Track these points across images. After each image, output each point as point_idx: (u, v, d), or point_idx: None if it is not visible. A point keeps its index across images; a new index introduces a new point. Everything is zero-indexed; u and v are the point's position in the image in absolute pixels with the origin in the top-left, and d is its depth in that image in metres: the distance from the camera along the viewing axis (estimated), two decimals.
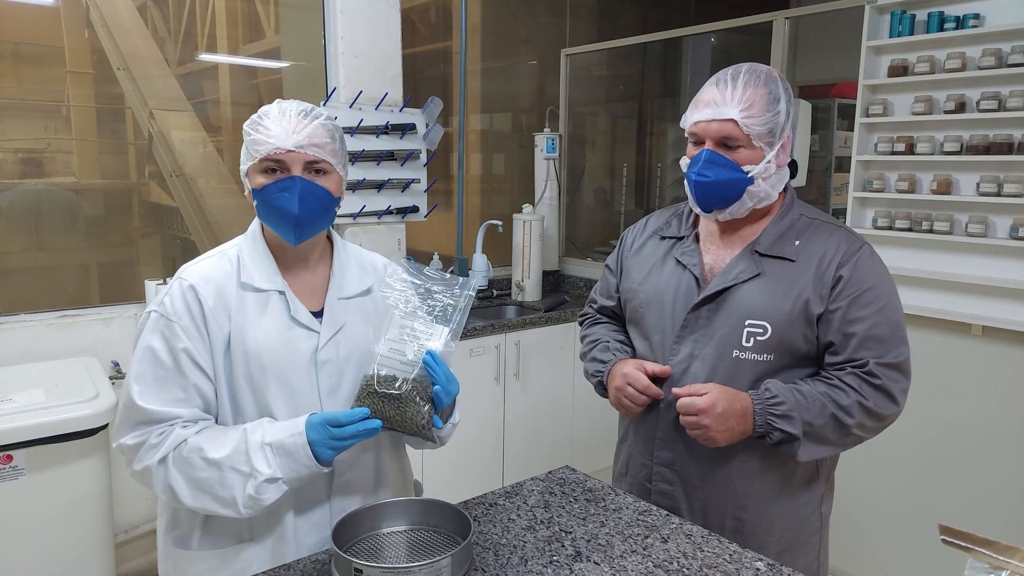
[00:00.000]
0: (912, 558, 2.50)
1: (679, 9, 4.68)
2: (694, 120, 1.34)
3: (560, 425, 3.29)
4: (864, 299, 1.29)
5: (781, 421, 1.27)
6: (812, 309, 1.30)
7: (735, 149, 1.31)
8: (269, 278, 1.25)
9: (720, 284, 1.35)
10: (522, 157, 4.05)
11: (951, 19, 2.37)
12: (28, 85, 3.10)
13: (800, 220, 1.38)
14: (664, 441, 1.43)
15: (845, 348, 1.30)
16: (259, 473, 1.13)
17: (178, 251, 3.68)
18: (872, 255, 1.34)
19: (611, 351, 1.52)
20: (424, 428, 1.17)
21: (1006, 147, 2.26)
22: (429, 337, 1.19)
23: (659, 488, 1.45)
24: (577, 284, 3.88)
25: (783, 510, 1.39)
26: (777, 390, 1.29)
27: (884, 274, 1.34)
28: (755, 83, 1.30)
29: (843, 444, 1.33)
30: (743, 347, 1.33)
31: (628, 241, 1.58)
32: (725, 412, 1.27)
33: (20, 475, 1.87)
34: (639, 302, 1.48)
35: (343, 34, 2.74)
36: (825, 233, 1.36)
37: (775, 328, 1.31)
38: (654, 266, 1.48)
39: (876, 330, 1.29)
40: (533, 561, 1.15)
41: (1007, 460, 2.29)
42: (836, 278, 1.30)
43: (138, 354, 1.20)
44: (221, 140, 3.67)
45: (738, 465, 1.37)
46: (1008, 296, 2.29)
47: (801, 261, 1.33)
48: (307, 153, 1.19)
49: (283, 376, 1.21)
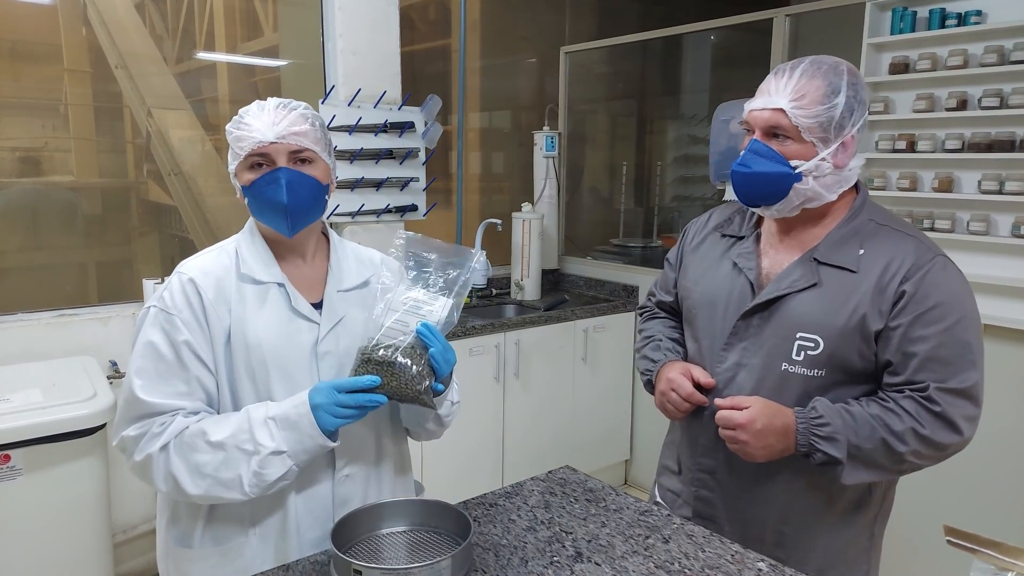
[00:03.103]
0: (913, 558, 2.49)
1: (679, 6, 4.66)
2: (748, 108, 1.27)
3: (560, 425, 3.28)
4: (929, 317, 1.19)
5: (824, 443, 1.20)
6: (869, 325, 1.21)
7: (784, 141, 1.23)
8: (268, 270, 1.26)
9: (773, 292, 1.28)
10: (521, 155, 4.04)
11: (953, 16, 2.36)
12: (26, 83, 3.09)
13: (868, 226, 1.27)
14: (707, 449, 1.38)
15: (905, 369, 1.20)
16: (263, 447, 1.13)
17: (176, 250, 3.67)
18: (946, 268, 1.22)
19: (662, 350, 1.47)
20: (423, 393, 1.16)
21: (1008, 145, 2.26)
22: (431, 308, 1.19)
23: (700, 495, 1.41)
24: (577, 283, 3.87)
25: (829, 529, 1.33)
26: (823, 410, 1.22)
27: (958, 289, 1.22)
28: (813, 74, 1.21)
29: (897, 471, 1.25)
30: (793, 360, 1.26)
31: (690, 235, 1.51)
32: (764, 429, 1.21)
33: (18, 475, 1.87)
34: (693, 302, 1.43)
35: (342, 32, 2.73)
36: (894, 241, 1.24)
37: (827, 343, 1.23)
38: (710, 265, 1.41)
39: (940, 351, 1.18)
40: (534, 562, 1.15)
41: (1009, 459, 2.28)
42: (899, 293, 1.20)
43: (138, 349, 1.20)
44: (219, 139, 3.65)
45: (783, 483, 1.31)
46: (1010, 295, 2.28)
47: (862, 272, 1.23)
48: (289, 143, 1.20)
49: (284, 368, 1.22)
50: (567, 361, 3.26)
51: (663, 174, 4.34)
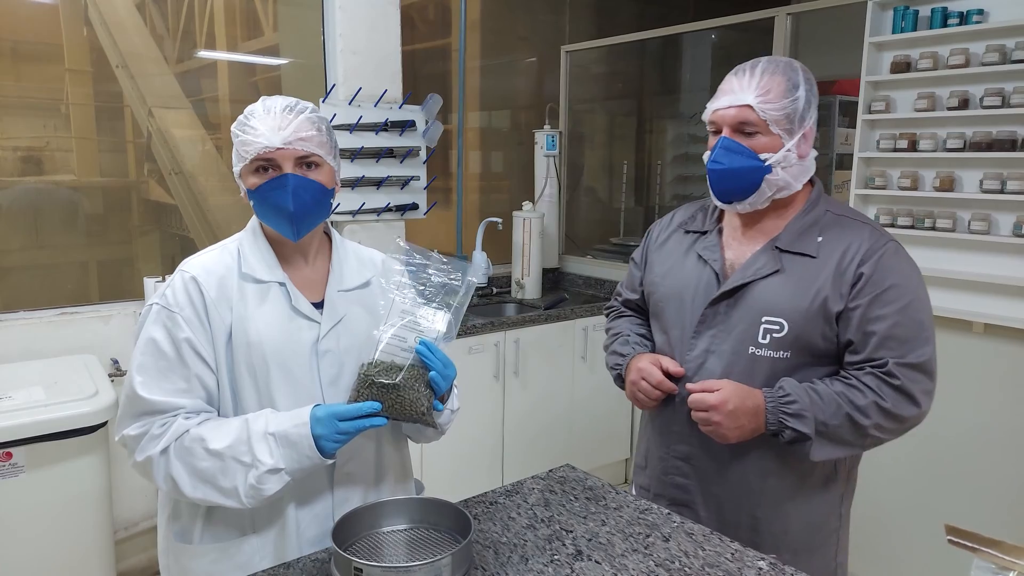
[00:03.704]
0: (915, 557, 2.49)
1: (679, 6, 4.66)
2: (712, 109, 1.33)
3: (560, 423, 3.28)
4: (886, 297, 1.27)
5: (793, 420, 1.26)
6: (831, 307, 1.28)
7: (752, 136, 1.29)
8: (270, 270, 1.26)
9: (739, 280, 1.35)
10: (522, 154, 4.04)
11: (954, 15, 2.35)
12: (27, 83, 3.10)
13: (826, 216, 1.36)
14: (680, 435, 1.43)
15: (865, 347, 1.28)
16: (261, 463, 1.13)
17: (177, 249, 3.67)
18: (897, 252, 1.32)
19: (630, 344, 1.53)
20: (425, 415, 1.17)
21: (1009, 144, 2.25)
22: (430, 323, 1.19)
23: (675, 481, 1.46)
24: (577, 282, 3.87)
25: (800, 508, 1.39)
26: (791, 389, 1.28)
27: (910, 271, 1.32)
28: (773, 71, 1.29)
29: (861, 445, 1.32)
30: (759, 344, 1.32)
31: (654, 234, 1.58)
32: (736, 409, 1.27)
33: (20, 472, 1.87)
34: (660, 295, 1.48)
35: (342, 31, 2.73)
36: (850, 229, 1.33)
37: (792, 325, 1.30)
38: (676, 260, 1.48)
39: (897, 329, 1.26)
40: (534, 560, 1.15)
41: (1009, 458, 2.28)
42: (857, 275, 1.28)
43: (140, 346, 1.21)
44: (220, 138, 3.66)
45: (754, 462, 1.37)
46: (1011, 294, 2.28)
47: (822, 258, 1.31)
48: (296, 148, 1.19)
49: (285, 366, 1.22)
50: (567, 359, 3.26)
51: (663, 173, 4.33)
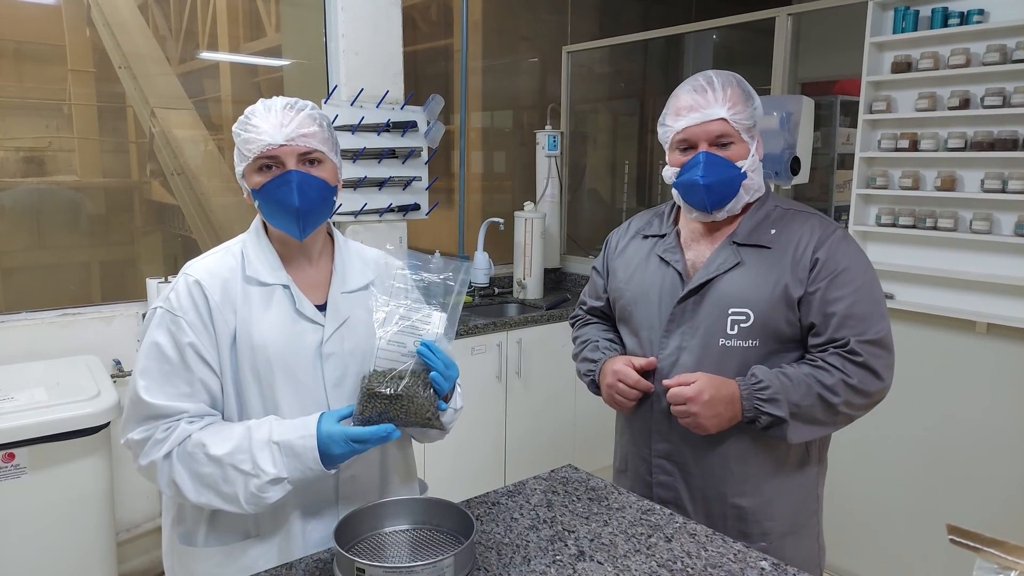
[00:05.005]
0: (916, 557, 2.49)
1: (681, 6, 4.67)
2: (682, 127, 1.37)
3: (562, 423, 3.28)
4: (841, 279, 1.33)
5: (768, 405, 1.31)
6: (792, 293, 1.34)
7: (727, 147, 1.35)
8: (273, 272, 1.26)
9: (703, 276, 1.40)
10: (523, 154, 4.04)
11: (955, 15, 2.35)
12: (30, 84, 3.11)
13: (775, 211, 1.43)
14: (660, 433, 1.46)
15: (826, 328, 1.34)
16: (264, 472, 1.13)
17: (179, 249, 3.68)
18: (846, 237, 1.39)
19: (601, 350, 1.56)
20: (431, 419, 1.17)
21: (1010, 143, 2.25)
22: (428, 325, 1.19)
23: (660, 480, 1.48)
24: (579, 282, 3.87)
25: (780, 492, 1.42)
26: (762, 375, 1.33)
27: (859, 254, 1.39)
28: (729, 83, 1.36)
29: (833, 423, 1.36)
30: (728, 335, 1.37)
31: (613, 243, 1.62)
32: (712, 399, 1.31)
33: (22, 473, 1.87)
34: (626, 300, 1.52)
35: (344, 32, 2.74)
36: (800, 220, 1.41)
37: (757, 314, 1.35)
38: (639, 265, 1.52)
39: (855, 308, 1.33)
40: (536, 560, 1.15)
41: (1012, 458, 2.28)
42: (813, 261, 1.35)
43: (144, 350, 1.21)
44: (222, 138, 3.66)
45: (730, 446, 1.40)
46: (1013, 293, 2.28)
47: (778, 248, 1.38)
48: (299, 144, 1.19)
49: (289, 369, 1.22)
50: (569, 360, 3.23)
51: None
